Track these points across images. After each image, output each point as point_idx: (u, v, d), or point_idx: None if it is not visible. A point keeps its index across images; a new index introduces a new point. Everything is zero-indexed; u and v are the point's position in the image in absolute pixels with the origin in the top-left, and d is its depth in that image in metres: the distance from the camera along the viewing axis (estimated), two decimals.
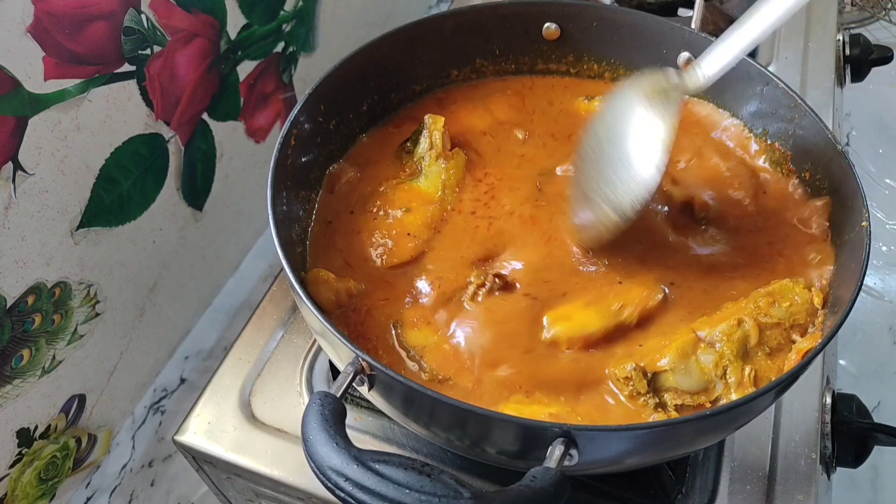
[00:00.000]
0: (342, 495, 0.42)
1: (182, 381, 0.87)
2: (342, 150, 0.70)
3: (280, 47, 0.89)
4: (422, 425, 0.52)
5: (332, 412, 0.45)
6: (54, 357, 0.68)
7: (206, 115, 0.80)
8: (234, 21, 0.80)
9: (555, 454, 0.44)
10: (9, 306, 0.62)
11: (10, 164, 0.59)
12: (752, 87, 0.68)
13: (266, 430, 0.66)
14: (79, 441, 0.74)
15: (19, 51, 0.57)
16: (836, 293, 0.56)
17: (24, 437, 0.67)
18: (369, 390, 0.49)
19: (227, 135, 0.84)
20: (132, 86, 0.69)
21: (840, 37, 1.03)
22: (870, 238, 0.54)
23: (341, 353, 0.50)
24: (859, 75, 1.03)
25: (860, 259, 0.53)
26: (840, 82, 0.99)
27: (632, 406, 0.54)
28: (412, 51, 0.72)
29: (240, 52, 0.82)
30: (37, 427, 0.68)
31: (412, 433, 0.65)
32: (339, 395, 0.46)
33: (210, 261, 0.88)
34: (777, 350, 0.56)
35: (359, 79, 0.69)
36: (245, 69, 0.84)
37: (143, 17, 0.68)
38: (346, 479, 0.41)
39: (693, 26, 0.78)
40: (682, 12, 1.01)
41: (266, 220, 0.56)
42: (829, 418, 0.66)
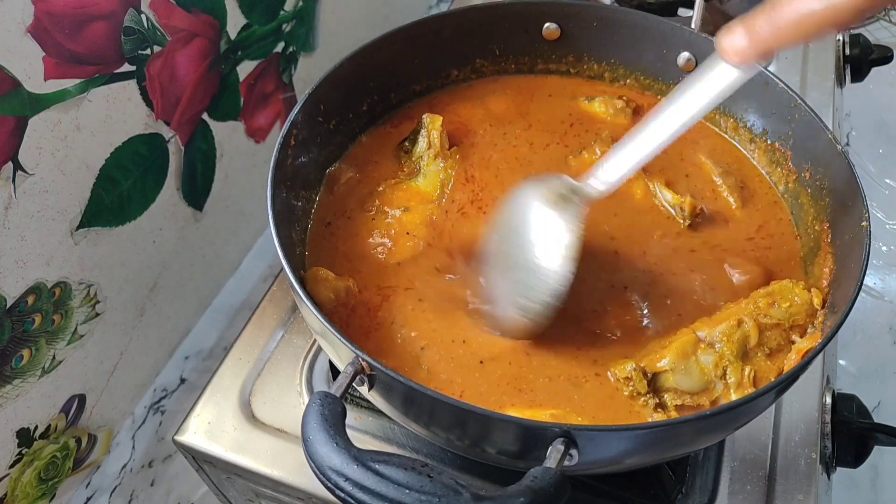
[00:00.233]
0: (342, 495, 0.42)
1: (182, 381, 0.87)
2: (342, 150, 0.70)
3: (280, 47, 0.89)
4: (422, 425, 0.52)
5: (332, 412, 0.45)
6: (54, 357, 0.68)
7: (206, 115, 0.80)
8: (234, 21, 0.80)
9: (555, 454, 0.44)
10: (9, 306, 0.62)
11: (10, 164, 0.59)
12: (752, 86, 0.68)
13: (266, 430, 0.66)
14: (79, 441, 0.74)
15: (19, 51, 0.57)
16: (835, 293, 0.56)
17: (24, 437, 0.67)
18: (369, 390, 0.49)
19: (227, 135, 0.84)
20: (132, 86, 0.69)
21: (840, 37, 1.03)
22: (870, 238, 0.54)
23: (341, 353, 0.50)
24: (859, 75, 1.03)
25: (860, 259, 0.53)
26: (840, 82, 0.99)
27: (632, 406, 0.54)
28: (412, 51, 0.72)
29: (240, 52, 0.82)
30: (37, 427, 0.68)
31: (412, 433, 0.65)
32: (339, 395, 0.46)
33: (210, 261, 0.88)
34: (777, 350, 0.56)
35: (358, 79, 0.69)
36: (245, 69, 0.84)
37: (143, 17, 0.68)
38: (346, 479, 0.41)
39: (693, 26, 0.78)
40: (682, 12, 1.01)
41: (266, 220, 0.56)
42: (829, 418, 0.66)
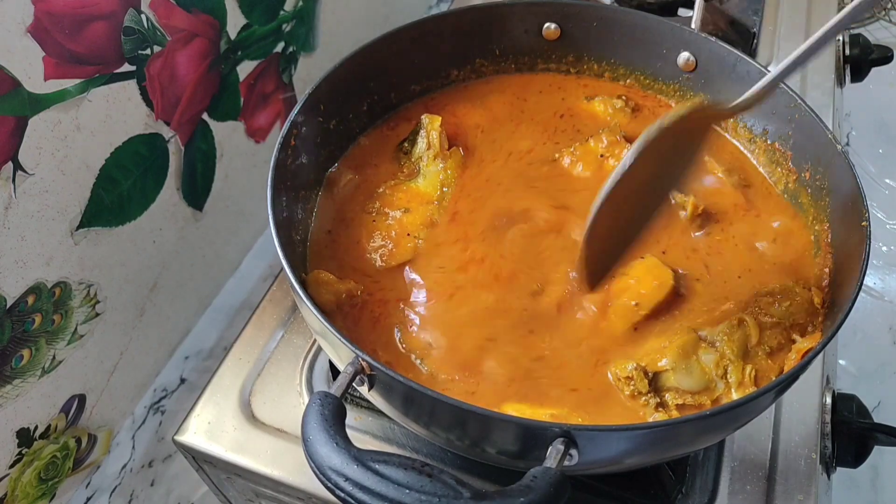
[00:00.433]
0: (342, 495, 0.42)
1: (182, 381, 0.87)
2: (342, 150, 0.70)
3: (280, 47, 0.89)
4: (422, 425, 0.52)
5: (332, 412, 0.45)
6: (54, 357, 0.68)
7: (206, 115, 0.80)
8: (234, 21, 0.80)
9: (555, 454, 0.44)
10: (9, 306, 0.62)
11: (10, 164, 0.59)
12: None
13: (266, 430, 0.66)
14: (79, 441, 0.74)
15: (19, 51, 0.57)
16: (835, 293, 0.56)
17: (24, 437, 0.67)
18: (369, 390, 0.49)
19: (227, 135, 0.84)
20: (132, 86, 0.69)
21: (840, 37, 1.03)
22: (870, 238, 0.54)
23: (341, 353, 0.50)
24: (859, 75, 1.03)
25: (860, 259, 0.53)
26: (840, 82, 0.99)
27: (632, 406, 0.54)
28: (412, 51, 0.72)
29: (240, 52, 0.82)
30: (37, 427, 0.68)
31: (412, 433, 0.65)
32: (339, 395, 0.46)
33: (210, 261, 0.88)
34: (777, 350, 0.56)
35: (359, 79, 0.69)
36: (245, 69, 0.84)
37: (143, 17, 0.68)
38: (346, 479, 0.41)
39: (693, 26, 0.78)
40: (682, 12, 1.01)
41: (266, 221, 0.56)
42: (829, 418, 0.66)
